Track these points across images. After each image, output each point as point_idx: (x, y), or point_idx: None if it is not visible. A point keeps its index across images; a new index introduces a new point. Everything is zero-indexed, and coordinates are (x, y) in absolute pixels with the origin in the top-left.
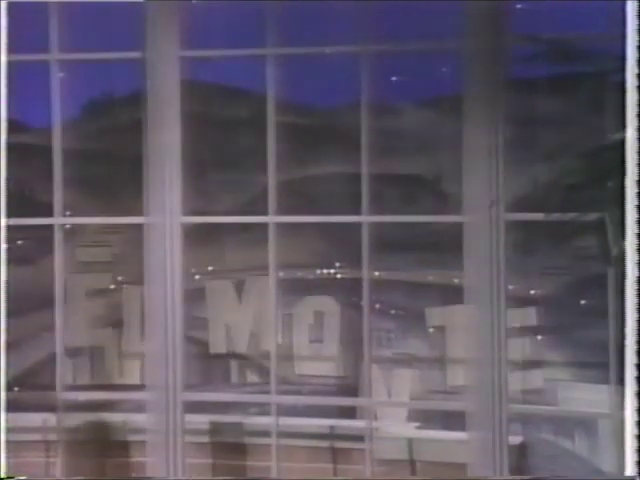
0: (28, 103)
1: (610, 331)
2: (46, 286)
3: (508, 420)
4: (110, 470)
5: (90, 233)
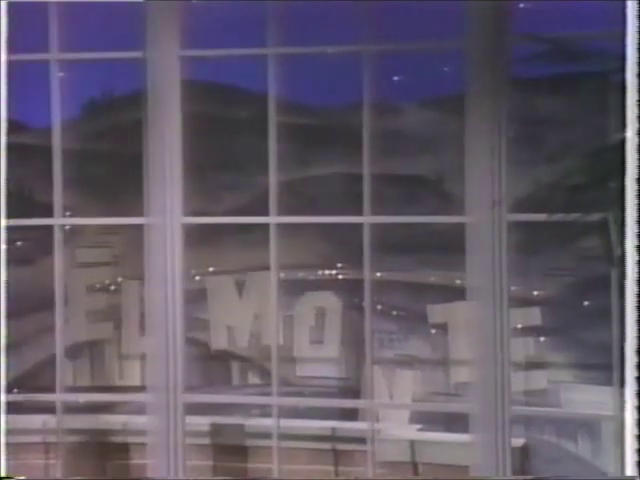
0: (28, 103)
1: (613, 332)
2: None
3: (511, 422)
4: (110, 472)
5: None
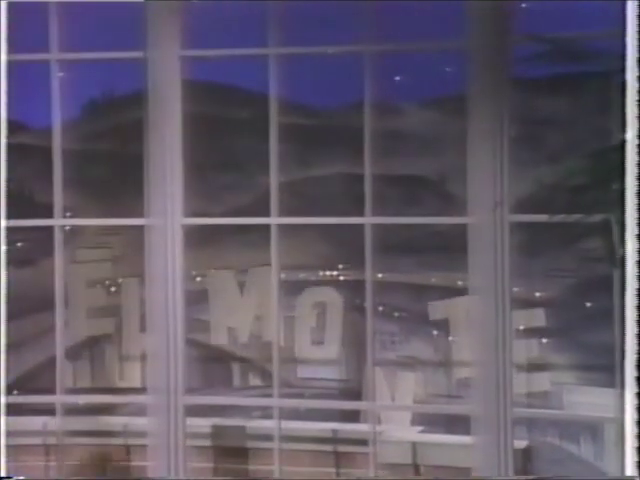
0: (28, 103)
1: (615, 334)
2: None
3: (513, 424)
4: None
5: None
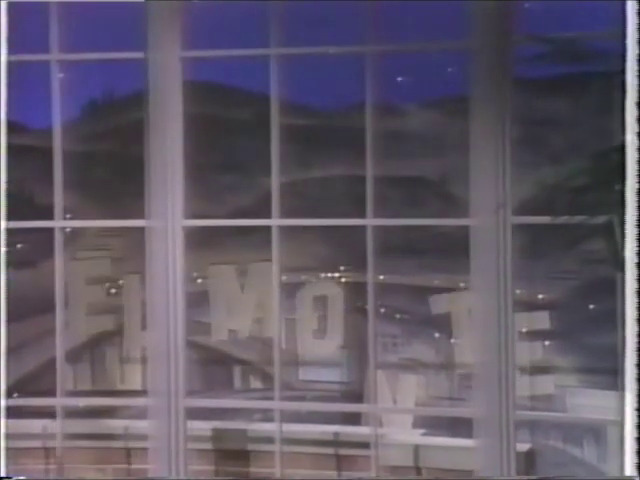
0: (28, 104)
1: (619, 336)
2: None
3: (516, 426)
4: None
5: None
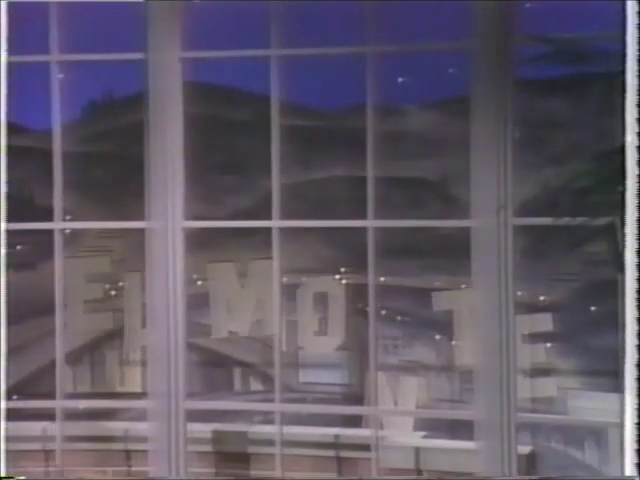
0: (28, 105)
1: (620, 338)
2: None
3: (517, 429)
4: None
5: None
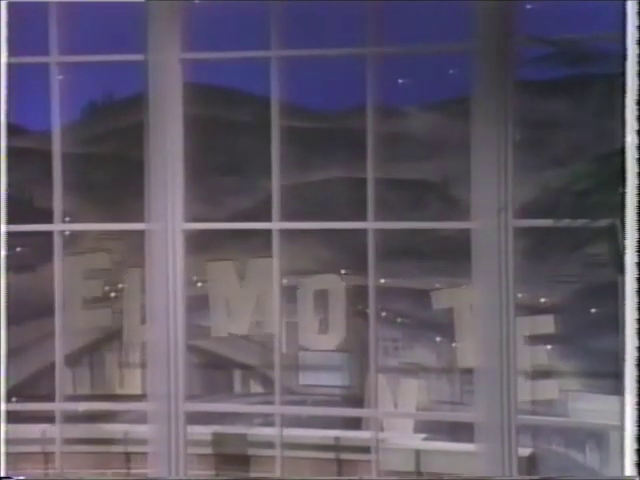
0: (27, 106)
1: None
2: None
3: (517, 431)
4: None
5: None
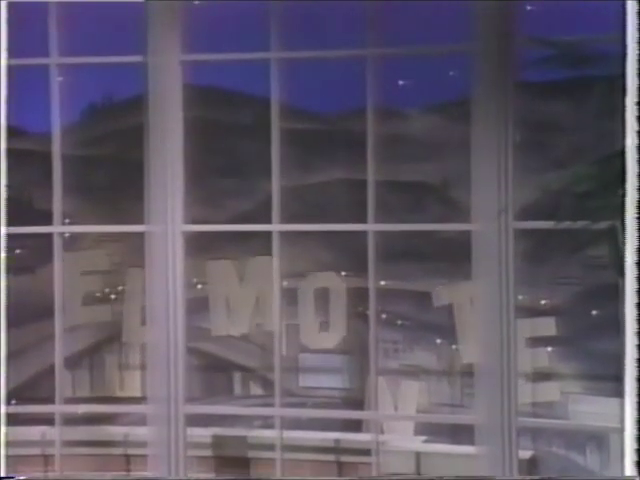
0: (27, 108)
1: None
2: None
3: (518, 433)
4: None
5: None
